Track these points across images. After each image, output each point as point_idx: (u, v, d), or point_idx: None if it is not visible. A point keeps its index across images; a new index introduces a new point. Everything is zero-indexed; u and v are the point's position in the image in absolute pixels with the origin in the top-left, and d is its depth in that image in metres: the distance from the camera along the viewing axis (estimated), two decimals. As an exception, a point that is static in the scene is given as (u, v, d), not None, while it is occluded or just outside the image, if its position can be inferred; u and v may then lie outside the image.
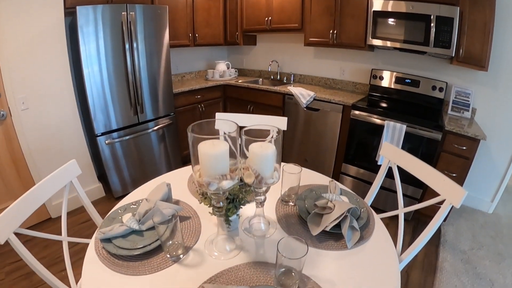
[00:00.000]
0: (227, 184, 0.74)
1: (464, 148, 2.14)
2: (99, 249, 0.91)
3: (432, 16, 2.23)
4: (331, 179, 1.27)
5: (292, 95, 3.06)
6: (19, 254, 0.91)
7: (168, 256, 0.88)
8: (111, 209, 1.10)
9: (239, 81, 3.68)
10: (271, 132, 0.83)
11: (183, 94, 3.23)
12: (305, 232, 1.00)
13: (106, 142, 2.51)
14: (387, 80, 2.91)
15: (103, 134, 2.49)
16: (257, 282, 0.80)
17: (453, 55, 2.27)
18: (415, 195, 2.44)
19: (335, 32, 2.88)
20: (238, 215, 0.97)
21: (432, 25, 2.25)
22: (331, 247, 0.93)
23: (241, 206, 0.92)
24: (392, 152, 1.36)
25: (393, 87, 2.89)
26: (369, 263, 0.88)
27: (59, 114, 2.38)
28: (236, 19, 3.69)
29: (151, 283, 0.80)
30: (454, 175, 2.22)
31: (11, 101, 2.08)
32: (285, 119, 1.76)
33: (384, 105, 2.73)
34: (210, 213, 0.91)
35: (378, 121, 2.47)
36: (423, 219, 2.54)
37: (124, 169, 2.75)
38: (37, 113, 2.25)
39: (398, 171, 1.31)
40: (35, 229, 1.00)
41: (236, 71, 4.13)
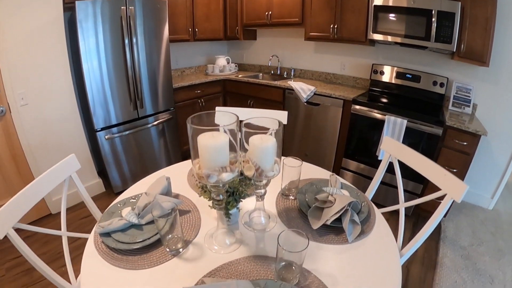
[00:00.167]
0: (227, 176, 0.74)
1: (465, 143, 2.13)
2: (98, 244, 0.90)
3: (433, 11, 2.21)
4: (331, 173, 1.26)
5: (292, 90, 3.05)
6: (19, 249, 0.90)
7: (167, 250, 0.87)
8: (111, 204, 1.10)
9: (239, 76, 3.66)
10: (270, 128, 0.82)
11: (183, 89, 3.21)
12: (306, 226, 1.00)
13: (105, 137, 2.51)
14: (388, 75, 2.89)
15: (102, 129, 2.48)
16: (257, 276, 0.80)
17: (454, 51, 2.25)
18: (415, 190, 2.43)
19: (336, 26, 2.86)
20: (238, 208, 0.97)
21: (433, 20, 2.23)
22: (331, 241, 0.93)
23: (241, 199, 0.92)
24: (393, 146, 1.35)
25: (393, 82, 2.87)
26: (370, 258, 0.88)
27: (58, 109, 2.37)
28: (236, 13, 3.66)
29: (151, 277, 0.79)
30: (454, 170, 2.21)
31: (10, 97, 2.07)
32: (285, 113, 1.75)
33: (384, 100, 2.72)
34: (210, 206, 0.90)
35: (378, 116, 2.46)
36: (423, 214, 2.54)
37: (124, 165, 2.75)
38: (36, 109, 2.23)
39: (399, 166, 1.31)
40: (35, 225, 1.00)
41: (236, 66, 4.11)
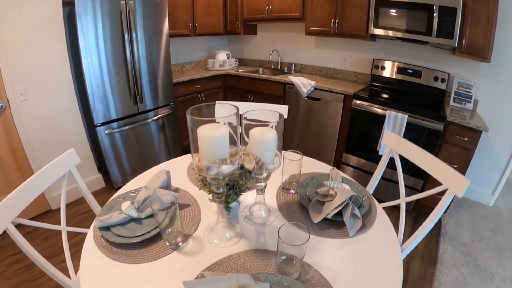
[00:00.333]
0: (227, 168, 0.73)
1: (465, 139, 2.12)
2: (98, 238, 0.90)
3: (434, 6, 2.19)
4: (332, 167, 1.26)
5: (292, 85, 3.03)
6: (19, 245, 0.90)
7: (167, 244, 0.87)
8: (111, 199, 1.09)
9: (240, 71, 3.64)
10: (271, 122, 0.81)
11: (183, 84, 3.20)
12: (306, 219, 0.99)
13: (105, 132, 2.50)
14: (389, 70, 2.88)
15: (102, 124, 2.47)
16: (258, 270, 0.79)
17: (456, 46, 2.23)
18: (416, 186, 2.43)
19: (337, 21, 2.84)
20: (238, 202, 0.96)
21: (434, 15, 2.21)
22: (332, 235, 0.92)
23: (242, 192, 0.91)
24: (394, 141, 1.34)
25: (394, 77, 2.86)
26: (371, 252, 0.87)
27: (58, 105, 2.36)
28: (236, 8, 3.63)
29: (150, 271, 0.79)
30: (455, 166, 2.20)
31: (9, 92, 2.05)
32: (286, 107, 1.74)
33: (385, 95, 2.70)
34: (210, 199, 0.90)
35: (379, 111, 2.45)
36: (424, 210, 2.54)
37: (124, 160, 2.74)
38: (36, 104, 2.22)
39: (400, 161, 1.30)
40: (35, 220, 1.00)
41: (236, 61, 4.08)
